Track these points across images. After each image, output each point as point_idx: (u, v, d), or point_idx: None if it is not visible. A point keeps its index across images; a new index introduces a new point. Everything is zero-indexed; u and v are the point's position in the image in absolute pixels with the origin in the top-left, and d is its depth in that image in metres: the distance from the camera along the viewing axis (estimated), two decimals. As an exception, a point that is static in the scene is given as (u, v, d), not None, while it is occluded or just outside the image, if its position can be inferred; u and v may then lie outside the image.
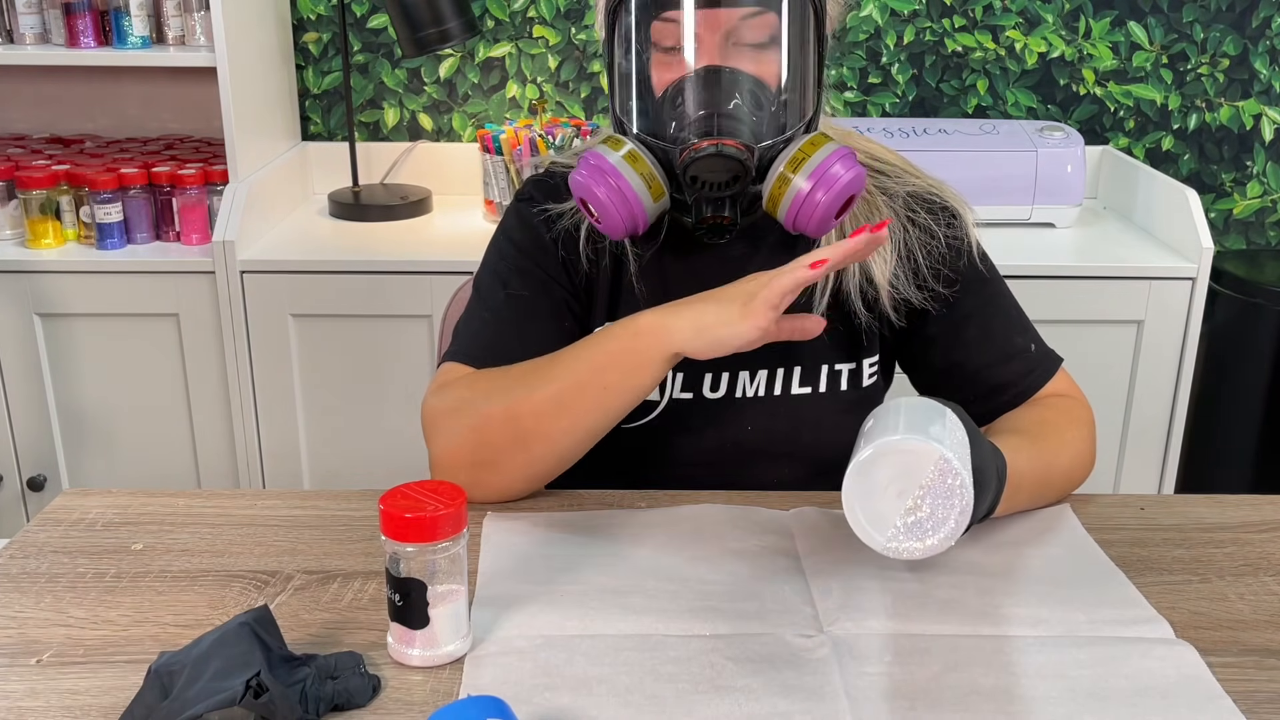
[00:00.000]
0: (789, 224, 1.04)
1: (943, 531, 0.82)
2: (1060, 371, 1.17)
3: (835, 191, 1.01)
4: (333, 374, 2.05)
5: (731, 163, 1.00)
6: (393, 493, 0.83)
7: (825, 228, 1.03)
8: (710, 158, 1.00)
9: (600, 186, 1.03)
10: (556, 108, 2.40)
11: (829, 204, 1.01)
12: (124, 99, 2.41)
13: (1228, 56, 2.35)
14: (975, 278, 1.17)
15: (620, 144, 1.05)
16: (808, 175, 1.01)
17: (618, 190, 1.03)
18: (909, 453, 0.82)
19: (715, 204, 1.04)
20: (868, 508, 0.83)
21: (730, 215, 1.04)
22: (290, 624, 0.88)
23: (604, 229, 1.07)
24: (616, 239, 1.10)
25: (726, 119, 1.02)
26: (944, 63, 2.37)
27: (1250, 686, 0.83)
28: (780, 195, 1.03)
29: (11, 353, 2.05)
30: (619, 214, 1.04)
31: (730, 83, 1.03)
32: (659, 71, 1.06)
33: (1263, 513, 1.09)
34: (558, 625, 0.88)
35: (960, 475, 0.81)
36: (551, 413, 1.02)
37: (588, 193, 1.05)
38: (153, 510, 1.07)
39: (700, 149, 1.00)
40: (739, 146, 1.00)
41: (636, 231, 1.06)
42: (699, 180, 1.02)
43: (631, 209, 1.04)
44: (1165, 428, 2.07)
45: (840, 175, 1.01)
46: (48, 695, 0.80)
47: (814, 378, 1.17)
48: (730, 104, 1.02)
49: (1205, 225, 2.00)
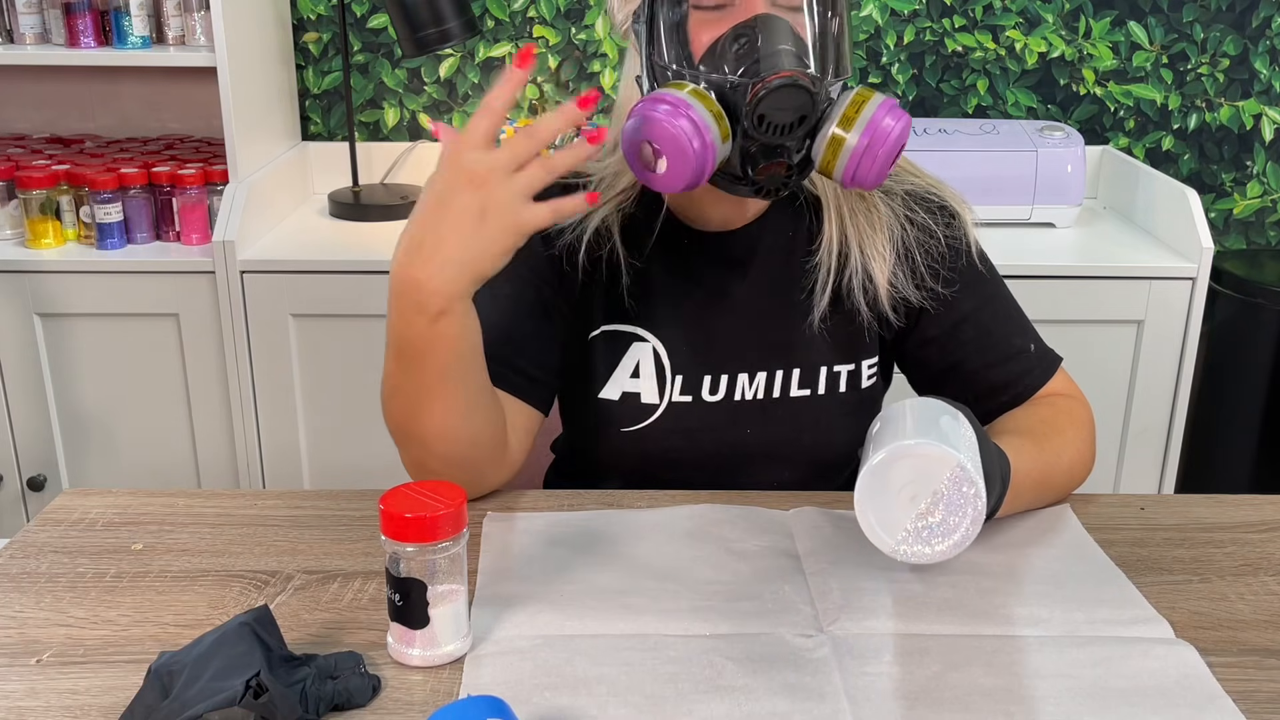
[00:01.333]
0: (847, 179, 1.00)
1: (953, 538, 0.82)
2: (1059, 371, 1.17)
3: (890, 142, 0.98)
4: (333, 374, 2.05)
5: (802, 96, 0.96)
6: (393, 493, 0.83)
7: (880, 179, 1.00)
8: (783, 90, 0.96)
9: (672, 120, 0.94)
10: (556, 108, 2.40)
11: (886, 154, 0.98)
12: (124, 99, 2.41)
13: (1228, 56, 2.35)
14: (974, 277, 1.17)
15: (682, 85, 0.99)
16: (861, 130, 0.98)
17: (690, 121, 0.95)
18: (925, 457, 0.81)
19: (773, 152, 1.00)
20: (879, 510, 0.82)
21: (788, 164, 1.01)
22: (290, 624, 0.88)
23: (665, 178, 0.97)
24: (679, 188, 0.98)
25: (788, 57, 0.98)
26: (944, 63, 2.37)
27: (1250, 686, 0.83)
28: (836, 152, 0.99)
29: (11, 353, 2.05)
30: (692, 153, 0.95)
31: (786, 27, 1.00)
32: (705, 30, 1.02)
33: (1263, 513, 1.09)
34: (558, 625, 0.88)
35: (975, 484, 0.81)
36: (413, 412, 1.00)
37: (657, 130, 0.95)
38: (153, 510, 1.07)
39: (773, 80, 0.96)
40: (809, 79, 0.97)
41: (702, 178, 0.99)
42: (765, 120, 0.97)
43: (706, 147, 0.96)
44: (1165, 428, 2.07)
45: (891, 127, 0.98)
46: (48, 695, 0.80)
47: (813, 379, 1.16)
48: (789, 46, 0.99)
49: (1205, 225, 2.00)
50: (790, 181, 1.02)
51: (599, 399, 1.16)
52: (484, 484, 1.07)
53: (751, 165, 1.01)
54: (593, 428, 1.18)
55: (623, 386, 1.16)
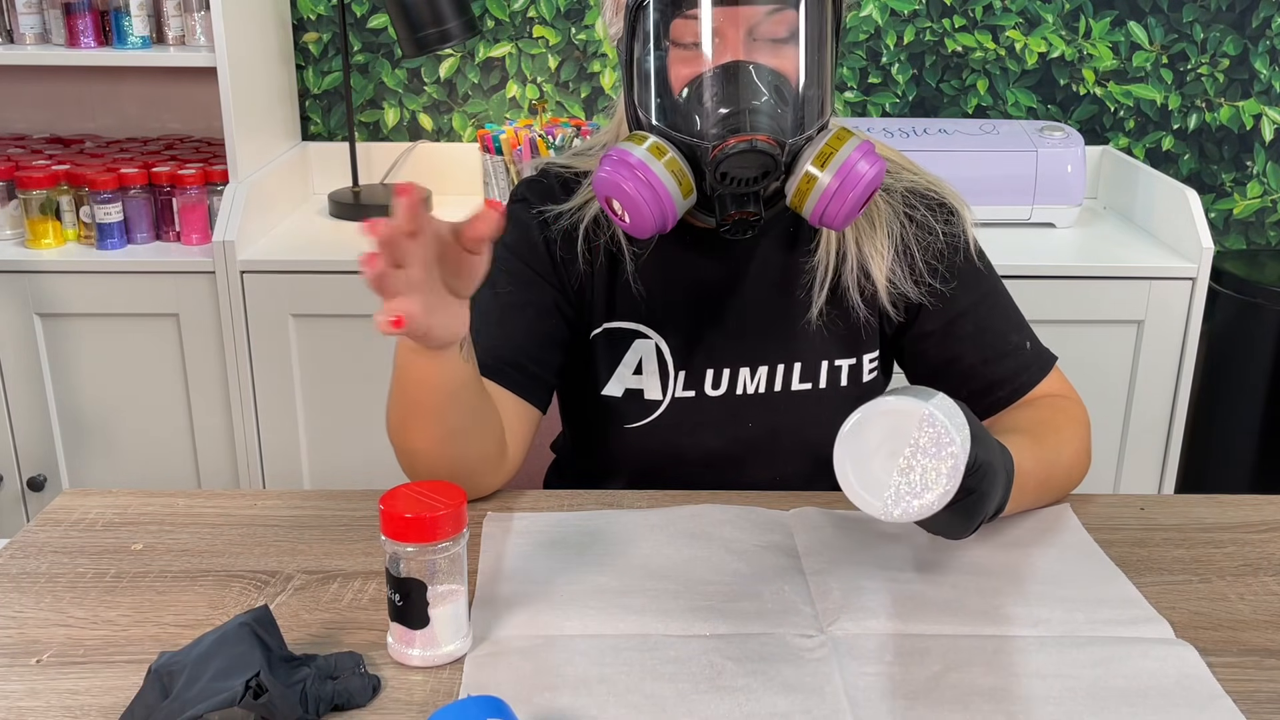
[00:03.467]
0: (815, 218, 1.03)
1: (938, 488, 0.81)
2: (1055, 371, 1.18)
3: (861, 187, 1.00)
4: (333, 374, 2.05)
5: (764, 158, 0.99)
6: (393, 493, 0.83)
7: (850, 221, 1.02)
8: (744, 154, 0.99)
9: (629, 181, 1.00)
10: (556, 108, 2.40)
11: (856, 199, 1.01)
12: (124, 99, 2.41)
13: (1228, 56, 2.35)
14: (972, 274, 1.17)
15: (643, 139, 1.03)
16: (834, 172, 1.00)
17: (648, 185, 1.00)
18: (894, 413, 0.82)
19: (741, 200, 1.02)
20: (861, 474, 0.83)
21: (756, 211, 1.03)
22: (290, 624, 0.88)
23: (631, 227, 1.03)
24: (644, 237, 1.05)
25: (755, 114, 1.00)
26: (944, 63, 2.37)
27: (1250, 686, 0.83)
28: (808, 191, 1.01)
29: (11, 353, 2.05)
30: (650, 211, 1.01)
31: (757, 78, 1.01)
32: (679, 68, 1.04)
33: (1263, 513, 1.09)
34: (558, 625, 0.88)
35: (947, 428, 0.81)
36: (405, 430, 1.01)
37: (615, 189, 1.01)
38: (153, 510, 1.07)
39: (732, 145, 0.99)
40: (771, 142, 0.99)
41: (665, 229, 1.03)
42: (729, 176, 1.00)
43: (663, 205, 1.01)
44: (1165, 428, 2.07)
45: (865, 172, 1.00)
46: (48, 695, 0.80)
47: (814, 374, 1.17)
48: (759, 99, 1.01)
49: (1205, 225, 2.00)
50: (760, 221, 1.04)
51: (602, 396, 1.16)
52: (480, 489, 1.08)
53: (721, 210, 1.03)
54: (596, 425, 1.18)
55: (625, 383, 1.16)
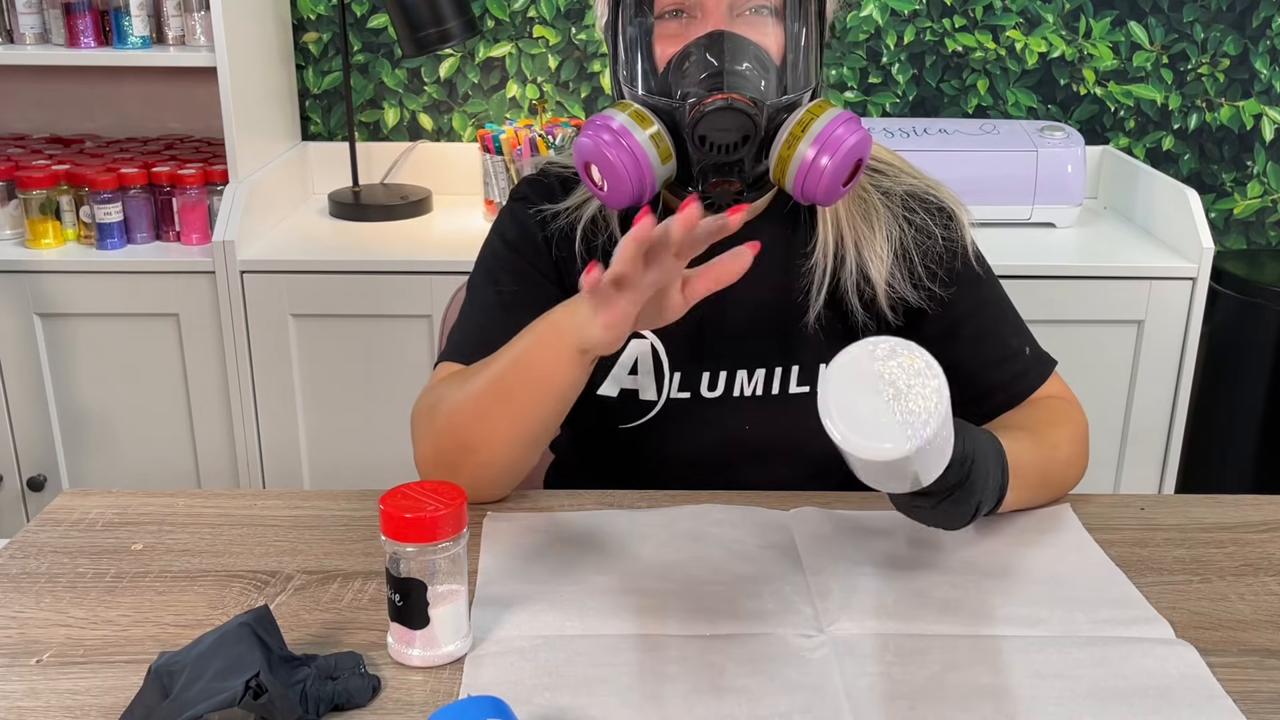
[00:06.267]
0: (797, 192, 1.01)
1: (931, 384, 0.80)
2: (1054, 375, 1.17)
3: (841, 155, 0.98)
4: (333, 374, 2.05)
5: (742, 119, 0.98)
6: (393, 493, 0.83)
7: (834, 195, 1.00)
8: (720, 112, 0.97)
9: (611, 147, 0.98)
10: (557, 108, 2.40)
11: (835, 169, 0.99)
12: (124, 99, 2.41)
13: (1228, 56, 2.35)
14: (971, 278, 1.17)
15: (626, 106, 1.02)
16: (812, 141, 0.99)
17: (628, 150, 0.98)
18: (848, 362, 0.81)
19: (722, 169, 1.01)
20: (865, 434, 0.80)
21: (738, 183, 1.01)
22: (290, 624, 0.88)
23: (608, 197, 1.01)
24: (621, 207, 1.03)
25: (734, 76, 0.99)
26: (944, 63, 2.37)
27: (1250, 686, 0.83)
28: (788, 161, 1.00)
29: (11, 353, 2.05)
30: (628, 176, 0.99)
31: (737, 45, 1.01)
32: (663, 44, 1.04)
33: (1263, 513, 1.09)
34: (558, 625, 0.88)
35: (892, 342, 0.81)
36: (485, 418, 1.01)
37: (594, 154, 0.99)
38: (153, 510, 1.07)
39: (709, 103, 0.97)
40: (748, 101, 0.98)
41: (643, 198, 1.01)
42: (707, 141, 0.99)
43: (641, 171, 0.99)
44: (1165, 428, 2.07)
45: (844, 138, 0.98)
46: (48, 695, 0.80)
47: (812, 376, 1.16)
48: (739, 65, 1.00)
49: (1205, 225, 2.00)
50: (743, 197, 1.03)
51: (597, 396, 1.16)
52: (496, 496, 1.08)
53: (703, 181, 1.02)
54: (592, 425, 1.18)
55: (621, 383, 1.16)
